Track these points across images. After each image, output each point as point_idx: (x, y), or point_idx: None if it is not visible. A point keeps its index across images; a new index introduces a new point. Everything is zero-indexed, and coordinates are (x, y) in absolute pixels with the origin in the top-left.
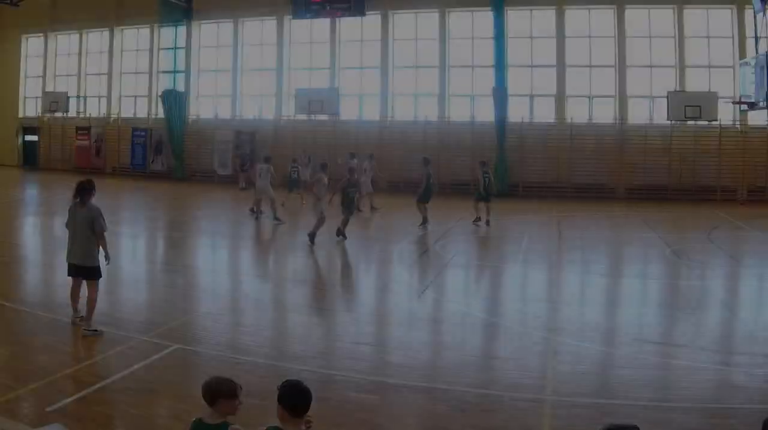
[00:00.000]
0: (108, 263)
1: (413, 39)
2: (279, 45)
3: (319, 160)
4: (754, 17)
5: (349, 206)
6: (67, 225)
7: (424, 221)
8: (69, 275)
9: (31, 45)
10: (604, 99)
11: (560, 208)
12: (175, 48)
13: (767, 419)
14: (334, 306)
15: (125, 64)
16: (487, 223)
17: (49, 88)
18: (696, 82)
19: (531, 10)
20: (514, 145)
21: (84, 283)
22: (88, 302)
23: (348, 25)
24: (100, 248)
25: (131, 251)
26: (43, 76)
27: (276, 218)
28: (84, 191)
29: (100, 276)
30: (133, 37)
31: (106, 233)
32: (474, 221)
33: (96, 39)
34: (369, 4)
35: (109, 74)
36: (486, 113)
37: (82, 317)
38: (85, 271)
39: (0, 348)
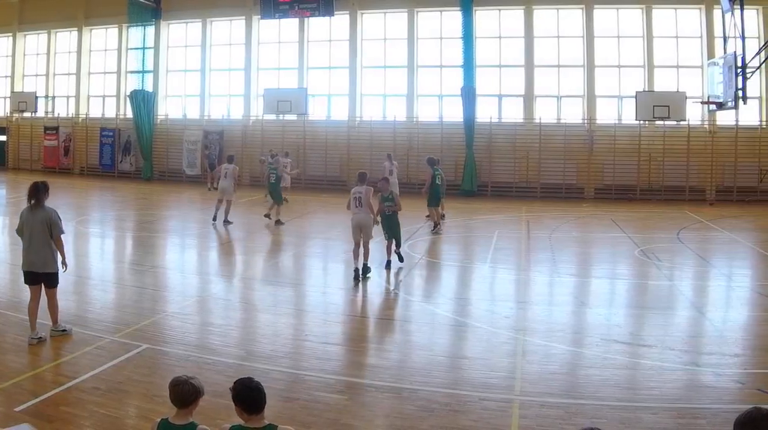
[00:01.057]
0: (65, 270)
1: (382, 39)
2: (247, 45)
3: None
4: (723, 17)
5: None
6: (19, 231)
7: (435, 226)
8: (27, 283)
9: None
10: (573, 99)
11: (529, 208)
12: (144, 48)
13: (738, 418)
14: (302, 306)
15: (94, 64)
16: (443, 217)
17: (18, 88)
18: (664, 82)
19: (499, 10)
20: (483, 145)
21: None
22: (50, 308)
23: (316, 25)
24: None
25: (99, 250)
26: (12, 76)
27: (227, 221)
28: (39, 193)
29: (58, 282)
30: (102, 37)
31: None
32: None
33: (64, 39)
34: (337, 4)
35: (78, 74)
36: (455, 113)
37: (41, 337)
38: (44, 278)
39: None
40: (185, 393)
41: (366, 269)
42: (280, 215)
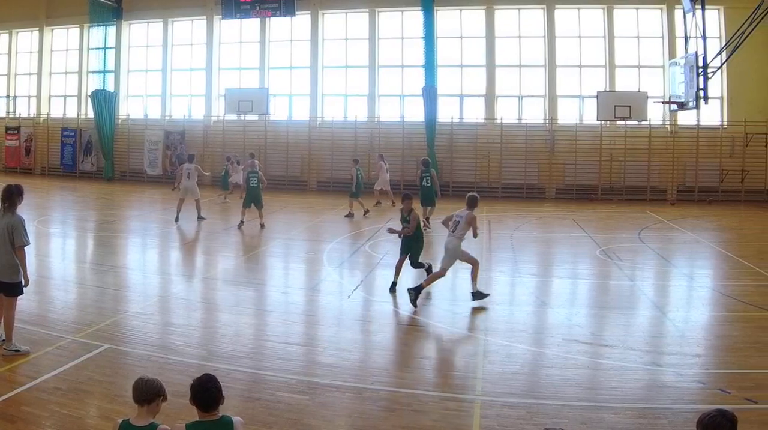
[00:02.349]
0: (26, 286)
1: (343, 39)
2: (208, 45)
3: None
4: (684, 17)
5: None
6: None
7: (425, 224)
8: None
9: None
10: (534, 99)
11: (490, 208)
12: (105, 48)
13: (702, 420)
14: (263, 306)
15: (55, 64)
16: (364, 213)
17: None
18: (626, 82)
19: (460, 10)
20: (445, 145)
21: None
22: (5, 321)
23: (277, 25)
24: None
25: (61, 251)
26: None
27: (201, 217)
28: (12, 196)
29: (22, 292)
30: (63, 37)
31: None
32: (345, 215)
33: (26, 39)
34: (298, 4)
35: (39, 74)
36: (416, 113)
37: (2, 340)
38: (6, 287)
39: None
40: (148, 388)
41: (477, 295)
42: (245, 217)
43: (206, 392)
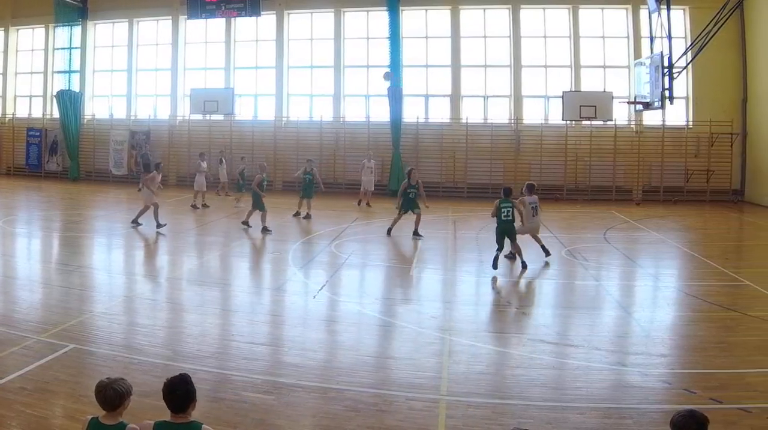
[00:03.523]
0: None
1: (308, 39)
2: (174, 45)
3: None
4: (650, 17)
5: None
6: None
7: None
8: None
9: None
10: (500, 99)
11: (456, 208)
12: (71, 48)
13: (673, 416)
14: (229, 306)
15: (20, 64)
16: (307, 215)
17: None
18: (591, 82)
19: (426, 10)
20: (410, 145)
21: None
22: None
23: (243, 25)
24: None
25: (26, 250)
26: None
27: (135, 222)
28: None
29: None
30: (29, 37)
31: None
32: (293, 215)
33: None
34: (264, 4)
35: (4, 74)
36: (381, 113)
37: None
38: None
39: None
40: (108, 398)
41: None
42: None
43: (172, 394)
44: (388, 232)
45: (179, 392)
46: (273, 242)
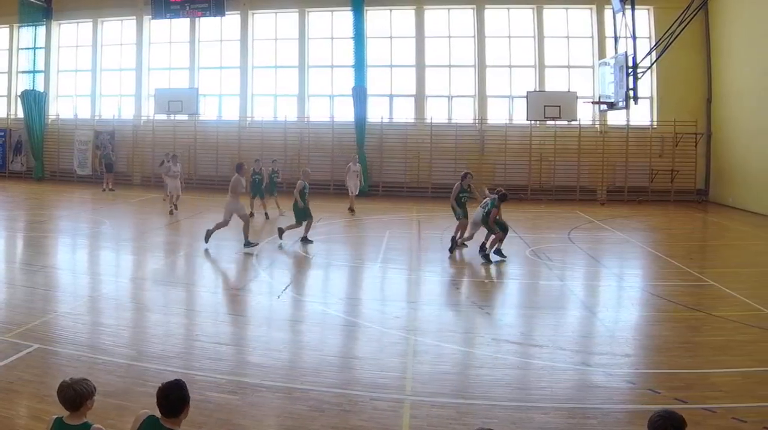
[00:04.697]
0: None
1: (273, 39)
2: (138, 45)
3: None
4: (614, 17)
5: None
6: None
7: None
8: None
9: None
10: (464, 99)
11: (420, 208)
12: (35, 48)
13: (651, 416)
14: (193, 306)
15: None
16: (266, 216)
17: None
18: (555, 82)
19: (390, 10)
20: (375, 145)
21: None
22: None
23: (207, 25)
24: None
25: None
26: None
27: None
28: None
29: None
30: None
31: None
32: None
33: None
34: (228, 4)
35: None
36: (346, 113)
37: None
38: None
39: None
40: (69, 398)
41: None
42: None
43: (166, 398)
44: (455, 245)
45: (173, 397)
46: (238, 243)
